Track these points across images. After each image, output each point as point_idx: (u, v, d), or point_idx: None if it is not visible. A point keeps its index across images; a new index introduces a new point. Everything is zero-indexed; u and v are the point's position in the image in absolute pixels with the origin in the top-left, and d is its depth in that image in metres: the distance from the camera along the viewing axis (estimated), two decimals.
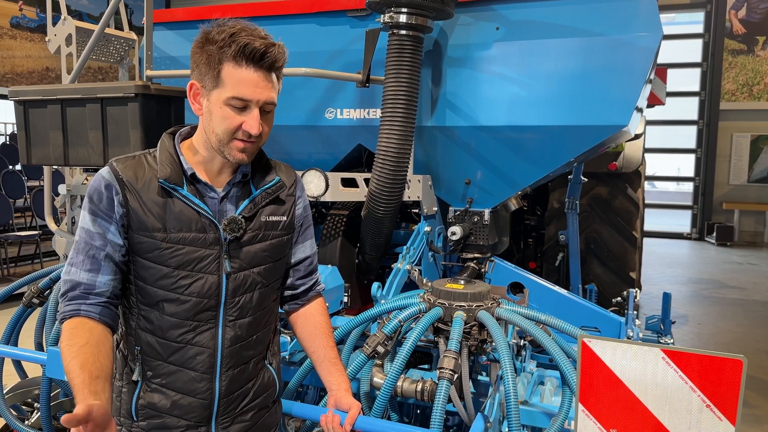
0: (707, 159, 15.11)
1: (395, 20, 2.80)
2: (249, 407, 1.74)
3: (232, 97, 1.53)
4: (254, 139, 1.59)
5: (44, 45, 13.35)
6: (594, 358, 1.40)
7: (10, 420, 2.64)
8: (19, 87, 3.08)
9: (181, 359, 1.63)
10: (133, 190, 1.58)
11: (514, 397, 1.90)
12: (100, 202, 1.58)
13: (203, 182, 1.64)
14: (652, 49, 2.83)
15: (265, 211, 1.71)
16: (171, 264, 1.59)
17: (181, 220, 1.59)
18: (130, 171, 1.60)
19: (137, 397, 1.65)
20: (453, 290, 2.25)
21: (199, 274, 1.61)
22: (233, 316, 1.67)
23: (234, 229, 1.63)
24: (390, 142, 2.87)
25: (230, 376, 1.68)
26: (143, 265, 1.60)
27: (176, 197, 1.60)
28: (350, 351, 2.39)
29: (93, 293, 1.58)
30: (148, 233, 1.58)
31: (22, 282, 2.88)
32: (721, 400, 1.30)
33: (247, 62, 1.52)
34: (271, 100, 1.58)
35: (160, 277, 1.60)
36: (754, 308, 8.33)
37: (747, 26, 14.72)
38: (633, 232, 5.32)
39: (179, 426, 1.65)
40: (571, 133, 2.98)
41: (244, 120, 1.55)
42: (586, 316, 3.39)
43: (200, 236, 1.60)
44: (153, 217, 1.58)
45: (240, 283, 1.66)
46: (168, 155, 1.63)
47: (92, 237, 1.58)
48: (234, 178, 1.68)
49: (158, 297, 1.61)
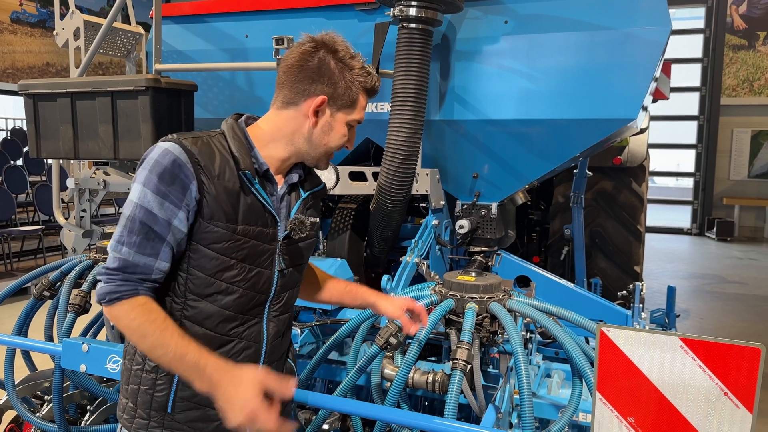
0: (707, 154, 15.13)
1: (405, 13, 2.81)
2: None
3: (357, 120, 1.70)
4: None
5: (45, 40, 13.36)
6: (612, 347, 1.42)
7: (22, 412, 2.65)
8: (28, 81, 3.08)
9: (228, 352, 1.61)
10: (210, 176, 1.52)
11: (528, 387, 1.91)
12: (171, 184, 1.47)
13: (272, 179, 1.66)
14: (661, 43, 2.84)
15: (308, 212, 1.77)
16: (237, 257, 1.57)
17: (251, 213, 1.59)
18: (205, 154, 1.53)
19: (176, 389, 1.60)
20: (465, 282, 2.27)
21: (258, 268, 1.62)
22: (277, 312, 1.71)
23: (301, 230, 1.68)
24: (399, 136, 2.88)
25: (268, 370, 1.68)
26: (206, 255, 1.55)
27: (250, 190, 1.59)
28: (360, 343, 2.41)
29: (149, 281, 1.52)
30: (221, 223, 1.54)
31: (32, 275, 2.89)
32: (739, 388, 1.32)
33: (371, 95, 1.71)
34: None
35: (224, 269, 1.56)
36: (756, 303, 8.36)
37: (748, 22, 14.72)
38: (638, 226, 5.33)
39: (217, 419, 1.58)
40: (579, 127, 2.99)
41: (350, 138, 1.72)
42: (593, 308, 3.41)
43: (264, 231, 1.62)
44: (227, 206, 1.54)
45: (287, 279, 1.71)
46: (242, 145, 1.60)
47: (155, 221, 1.48)
48: (290, 179, 1.72)
49: (216, 288, 1.58)
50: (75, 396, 2.88)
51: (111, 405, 2.70)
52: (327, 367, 2.65)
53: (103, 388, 2.56)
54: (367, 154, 3.64)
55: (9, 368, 2.70)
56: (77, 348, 2.26)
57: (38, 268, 2.88)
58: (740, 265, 11.25)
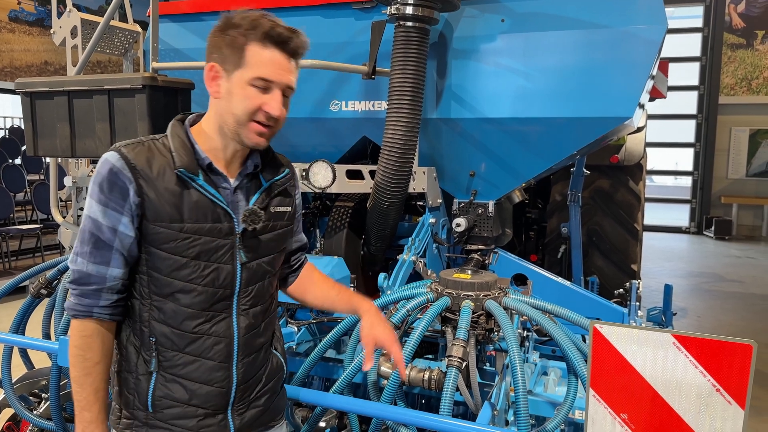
0: (706, 153, 15.15)
1: (402, 12, 2.81)
2: (262, 392, 1.76)
3: (257, 77, 1.53)
4: (272, 123, 1.59)
5: (43, 39, 13.33)
6: (605, 344, 1.42)
7: (19, 410, 2.66)
8: (26, 79, 3.09)
9: (198, 349, 1.62)
10: (148, 179, 1.54)
11: (523, 384, 1.92)
12: (111, 191, 1.52)
13: (218, 172, 1.63)
14: (657, 41, 2.85)
15: (274, 202, 1.73)
16: (188, 255, 1.57)
17: (198, 210, 1.58)
18: (142, 158, 1.55)
19: (153, 388, 1.62)
20: (461, 280, 2.27)
21: (215, 264, 1.60)
22: (246, 305, 1.68)
23: (254, 221, 1.63)
24: (396, 134, 2.88)
25: (246, 363, 1.69)
26: (158, 256, 1.57)
27: (193, 187, 1.58)
28: (357, 341, 2.42)
29: (105, 289, 1.57)
30: (164, 224, 1.55)
31: (29, 274, 2.89)
32: (731, 385, 1.33)
33: (273, 44, 1.54)
34: (291, 84, 1.59)
35: (177, 268, 1.57)
36: (754, 301, 8.38)
37: (746, 20, 14.74)
38: (635, 224, 5.34)
39: (198, 415, 1.63)
40: (575, 125, 2.99)
41: (265, 101, 1.55)
42: (589, 307, 3.42)
43: (216, 226, 1.60)
44: (169, 206, 1.55)
45: (253, 272, 1.68)
46: (182, 142, 1.61)
47: (100, 229, 1.54)
48: (245, 169, 1.68)
49: (174, 288, 1.59)
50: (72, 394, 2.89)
51: (108, 403, 2.70)
52: (324, 364, 2.66)
53: None
54: (364, 152, 3.64)
55: (6, 366, 2.70)
56: None
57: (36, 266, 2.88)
58: (738, 264, 11.27)
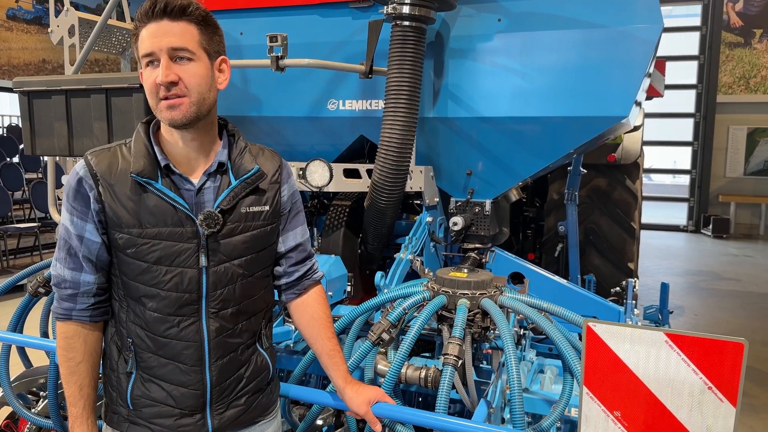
0: (704, 151, 15.18)
1: (398, 11, 2.81)
2: (243, 392, 1.73)
3: (141, 55, 1.52)
4: (174, 91, 1.51)
5: (41, 37, 13.33)
6: (598, 342, 1.44)
7: (17, 408, 2.66)
8: (23, 78, 3.09)
9: (169, 353, 1.61)
10: (106, 185, 1.54)
11: (518, 382, 1.93)
12: (74, 199, 1.56)
13: (178, 174, 1.59)
14: (653, 41, 2.86)
15: (245, 201, 1.66)
16: (149, 260, 1.56)
17: (156, 214, 1.55)
18: (104, 164, 1.56)
19: (132, 387, 1.63)
20: (457, 278, 2.28)
21: (178, 268, 1.57)
22: (215, 309, 1.64)
23: (210, 225, 1.58)
24: (393, 133, 2.89)
25: (219, 366, 1.66)
26: (124, 261, 1.58)
27: (151, 191, 1.55)
28: (354, 339, 2.43)
29: (80, 293, 1.61)
30: (124, 230, 1.55)
31: (27, 272, 2.90)
32: (723, 383, 1.34)
33: (146, 19, 1.51)
34: (176, 45, 1.50)
35: (140, 273, 1.57)
36: (751, 300, 8.40)
37: (744, 19, 14.75)
38: (632, 223, 5.36)
39: (174, 414, 1.64)
40: (572, 124, 3.00)
41: (157, 74, 1.51)
42: (586, 305, 3.43)
43: (177, 230, 1.56)
44: (127, 212, 1.54)
45: (221, 276, 1.63)
46: (142, 146, 1.58)
47: (70, 236, 1.58)
48: (209, 168, 1.62)
49: (140, 292, 1.59)
50: None
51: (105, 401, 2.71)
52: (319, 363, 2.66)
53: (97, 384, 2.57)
54: (361, 151, 3.65)
55: (4, 365, 2.70)
56: None
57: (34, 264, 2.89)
58: (735, 262, 11.30)
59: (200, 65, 1.55)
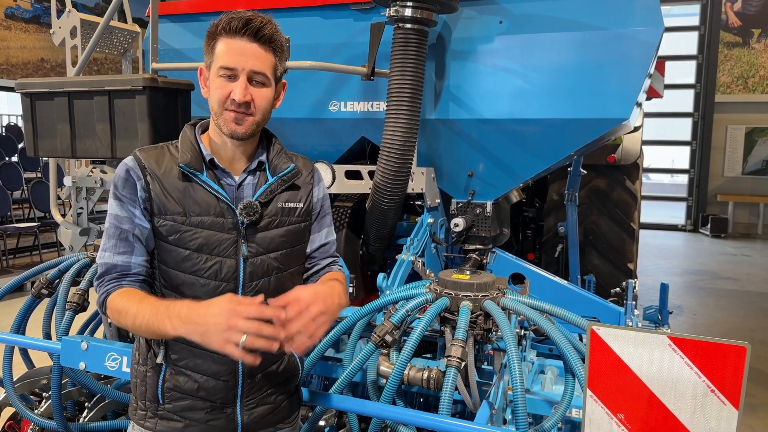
0: (702, 151, 15.21)
1: (401, 14, 2.82)
2: (273, 390, 1.79)
3: (221, 66, 1.61)
4: (244, 108, 1.63)
5: (39, 36, 13.32)
6: (602, 346, 1.45)
7: (20, 409, 2.67)
8: (26, 79, 3.10)
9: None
10: (155, 176, 1.65)
11: (521, 383, 1.94)
12: (123, 188, 1.65)
13: (221, 168, 1.70)
14: (653, 43, 2.87)
15: (282, 197, 1.76)
16: (191, 246, 1.64)
17: (201, 204, 1.65)
18: (152, 159, 1.67)
19: (163, 380, 1.68)
20: (459, 281, 2.29)
21: (218, 257, 1.66)
22: None
23: (249, 213, 1.67)
24: (395, 135, 2.90)
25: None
26: (165, 249, 1.66)
27: (196, 182, 1.66)
28: (356, 340, 2.44)
29: (129, 274, 1.66)
30: (169, 217, 1.64)
31: (30, 273, 2.91)
32: (725, 386, 1.36)
33: (234, 33, 1.60)
34: (257, 69, 1.62)
35: (181, 260, 1.65)
36: (749, 299, 8.43)
37: (742, 19, 14.78)
38: (631, 223, 5.38)
39: (205, 407, 1.69)
40: (573, 126, 3.01)
41: (232, 88, 1.61)
42: (586, 306, 3.45)
43: (219, 220, 1.66)
44: (173, 201, 1.64)
45: (257, 267, 1.70)
46: (189, 143, 1.70)
47: (120, 221, 1.65)
48: (250, 166, 1.74)
49: (179, 280, 1.66)
50: (73, 393, 2.90)
51: (108, 402, 2.72)
52: (323, 363, 2.67)
53: (100, 386, 2.58)
54: (362, 152, 3.66)
55: (7, 366, 2.72)
56: (76, 346, 2.29)
57: (34, 265, 2.91)
58: (734, 262, 11.33)
59: (270, 90, 1.68)
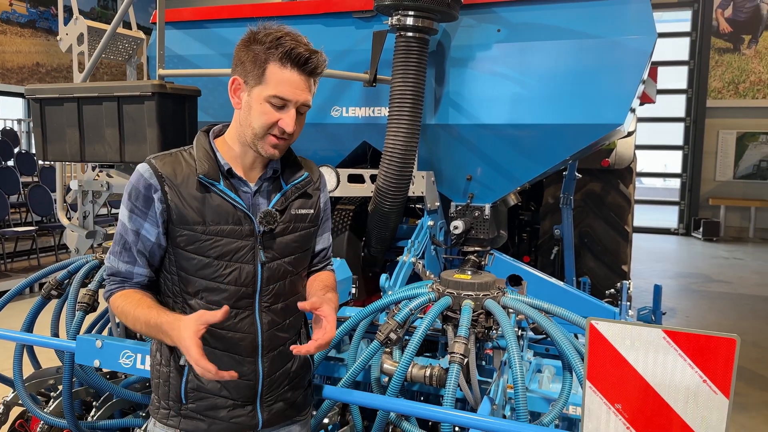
0: (694, 156, 15.34)
1: (402, 22, 2.91)
2: (290, 386, 1.85)
3: (274, 95, 1.63)
4: (286, 136, 1.68)
5: (34, 40, 13.31)
6: (601, 339, 1.53)
7: (31, 408, 2.72)
8: (35, 85, 3.16)
9: (225, 345, 1.73)
10: (173, 186, 1.67)
11: (522, 379, 2.01)
12: (137, 199, 1.68)
13: (238, 177, 1.74)
14: (647, 51, 2.96)
15: (295, 204, 1.81)
16: (211, 254, 1.69)
17: (219, 213, 1.69)
18: (168, 167, 1.69)
19: (186, 381, 1.73)
20: (461, 280, 2.36)
21: (237, 264, 1.70)
22: (268, 303, 1.77)
23: (269, 222, 1.72)
24: (397, 139, 2.98)
25: (271, 357, 1.78)
26: (184, 257, 1.70)
27: (214, 192, 1.69)
28: (359, 340, 2.50)
29: (132, 281, 1.74)
30: (188, 226, 1.68)
31: (40, 275, 2.97)
32: (717, 376, 1.44)
33: (292, 65, 1.63)
34: (307, 102, 1.68)
35: (201, 267, 1.69)
36: (741, 301, 8.53)
37: (733, 25, 14.95)
38: (625, 226, 5.47)
39: (227, 406, 1.75)
40: (569, 131, 3.10)
41: (281, 117, 1.66)
42: (581, 306, 3.52)
43: (237, 228, 1.70)
44: (192, 210, 1.67)
45: (274, 272, 1.76)
46: (204, 152, 1.73)
47: (126, 232, 1.71)
48: (265, 174, 1.78)
49: (200, 286, 1.71)
50: (80, 393, 2.94)
51: (116, 401, 2.77)
52: (326, 363, 2.74)
53: (109, 384, 2.64)
54: (363, 157, 3.74)
55: (18, 365, 2.75)
56: (91, 344, 2.34)
57: (32, 268, 2.97)
58: (726, 265, 11.44)
59: (305, 116, 1.75)
